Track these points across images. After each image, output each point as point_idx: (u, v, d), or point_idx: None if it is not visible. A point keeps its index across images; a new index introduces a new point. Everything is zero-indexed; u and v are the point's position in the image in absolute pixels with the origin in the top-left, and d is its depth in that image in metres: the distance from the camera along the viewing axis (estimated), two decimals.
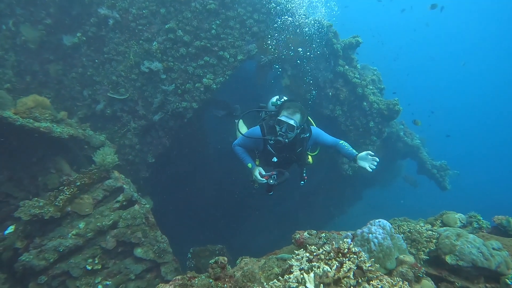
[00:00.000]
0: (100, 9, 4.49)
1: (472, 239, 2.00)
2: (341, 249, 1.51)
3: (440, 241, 2.08)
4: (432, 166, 5.93)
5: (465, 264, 1.98)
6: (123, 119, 4.89)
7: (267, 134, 3.15)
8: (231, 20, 4.58)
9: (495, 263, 1.94)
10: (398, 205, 12.43)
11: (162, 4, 4.57)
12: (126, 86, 4.78)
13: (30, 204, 3.26)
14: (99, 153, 3.50)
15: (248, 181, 3.32)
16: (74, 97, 4.89)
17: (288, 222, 8.22)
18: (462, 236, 2.03)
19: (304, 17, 4.42)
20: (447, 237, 2.07)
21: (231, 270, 2.03)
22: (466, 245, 1.97)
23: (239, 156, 3.29)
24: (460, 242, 2.00)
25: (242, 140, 3.30)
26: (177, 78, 4.71)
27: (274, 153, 3.24)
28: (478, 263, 1.95)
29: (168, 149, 5.16)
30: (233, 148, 3.34)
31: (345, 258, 1.44)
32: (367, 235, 1.77)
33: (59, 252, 3.21)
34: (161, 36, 4.63)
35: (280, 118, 2.93)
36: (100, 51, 4.72)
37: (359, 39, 4.64)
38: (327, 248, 1.53)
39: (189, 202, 6.86)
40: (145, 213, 3.64)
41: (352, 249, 1.51)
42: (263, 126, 3.23)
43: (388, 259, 1.74)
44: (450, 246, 2.02)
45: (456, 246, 1.99)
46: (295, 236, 2.22)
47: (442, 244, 2.06)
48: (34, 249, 3.23)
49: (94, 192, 3.52)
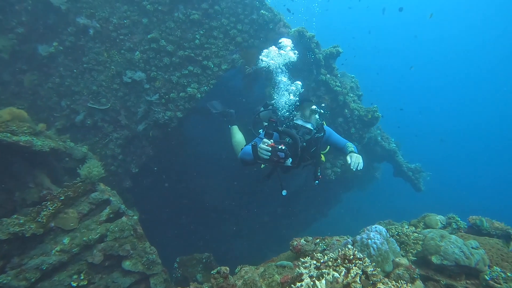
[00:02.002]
0: (79, 18, 4.40)
1: (454, 239, 2.24)
2: (347, 255, 1.63)
3: (426, 242, 2.31)
4: (408, 169, 6.37)
5: (449, 263, 2.20)
6: (104, 130, 4.78)
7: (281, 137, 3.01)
8: (215, 30, 4.69)
9: (474, 261, 2.18)
10: (376, 206, 13.01)
11: (144, 14, 4.57)
12: (107, 96, 4.69)
13: (8, 222, 3.10)
14: (85, 166, 3.42)
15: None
16: (51, 108, 4.71)
17: (270, 227, 8.33)
18: (445, 237, 2.27)
19: (287, 28, 4.63)
20: (432, 238, 2.30)
21: (232, 279, 2.09)
22: (450, 246, 2.20)
23: (244, 151, 3.04)
24: (444, 243, 2.23)
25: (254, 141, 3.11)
26: (161, 87, 4.72)
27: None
28: (461, 262, 2.18)
29: (152, 158, 5.10)
30: (240, 153, 3.13)
31: (351, 264, 1.55)
32: (366, 240, 1.92)
33: (42, 270, 3.08)
34: (143, 45, 4.62)
35: (296, 122, 2.85)
36: (79, 60, 4.60)
37: (339, 48, 4.92)
38: (333, 255, 1.65)
39: (173, 210, 6.78)
40: (134, 225, 3.59)
41: (357, 255, 1.63)
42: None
43: (386, 263, 1.90)
44: (435, 247, 2.24)
45: (440, 247, 2.22)
46: (292, 243, 2.33)
47: (428, 246, 2.28)
48: (12, 269, 3.07)
49: (80, 205, 3.42)
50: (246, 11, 4.76)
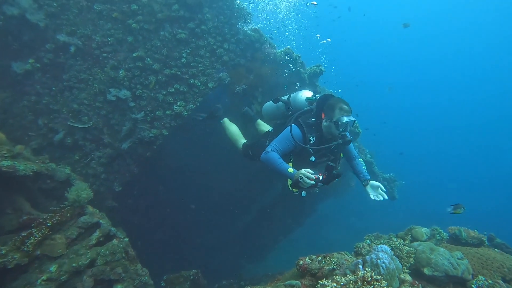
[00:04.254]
0: (59, 35, 4.28)
1: (442, 252, 2.57)
2: (365, 277, 1.79)
3: (418, 255, 2.60)
4: (383, 179, 6.89)
5: (439, 274, 2.50)
6: (86, 148, 4.62)
7: (307, 133, 3.01)
8: (202, 49, 4.82)
9: (461, 271, 2.51)
10: (351, 215, 13.60)
11: (129, 33, 4.57)
12: (89, 114, 4.57)
13: None
14: (73, 189, 3.31)
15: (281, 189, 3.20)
16: (26, 127, 4.46)
17: (248, 237, 8.40)
18: (434, 250, 2.58)
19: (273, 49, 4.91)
20: (423, 251, 2.61)
21: None
22: (439, 258, 2.51)
23: (275, 162, 2.89)
24: (434, 255, 2.54)
25: (281, 143, 3.01)
26: (147, 105, 4.70)
27: (312, 153, 3.06)
28: (449, 272, 2.49)
29: (136, 176, 5.01)
30: (266, 155, 2.96)
31: (370, 286, 1.72)
32: (375, 261, 2.11)
33: None
34: (128, 63, 4.60)
35: (342, 120, 2.82)
36: (58, 78, 4.45)
37: (322, 68, 5.30)
38: (353, 278, 1.80)
39: (158, 227, 6.63)
40: (125, 247, 3.51)
41: (374, 277, 1.80)
42: (301, 125, 3.05)
43: (393, 280, 2.12)
44: (427, 259, 2.54)
45: (431, 259, 2.52)
46: (299, 263, 2.47)
47: (420, 258, 2.58)
48: None
49: (68, 230, 3.28)
50: (233, 31, 4.97)
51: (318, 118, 3.08)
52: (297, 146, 3.01)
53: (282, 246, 9.35)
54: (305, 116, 3.21)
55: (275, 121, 4.29)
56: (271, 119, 4.39)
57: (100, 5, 4.43)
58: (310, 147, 3.01)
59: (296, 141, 2.98)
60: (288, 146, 3.04)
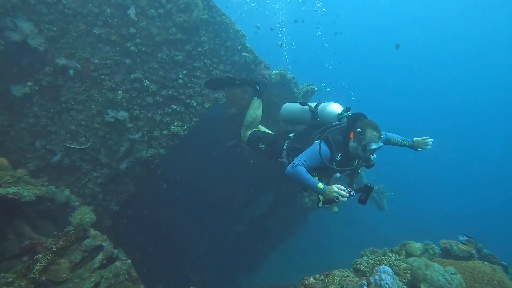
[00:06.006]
0: (58, 59, 4.36)
1: (437, 267, 2.79)
2: None
3: (414, 271, 2.81)
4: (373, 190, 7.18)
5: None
6: (83, 169, 4.67)
7: (335, 151, 3.03)
8: (198, 70, 5.00)
9: (455, 286, 2.71)
10: (341, 223, 13.83)
11: (127, 55, 4.70)
12: (87, 135, 4.63)
13: None
14: (77, 214, 3.37)
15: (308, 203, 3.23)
16: (23, 149, 4.47)
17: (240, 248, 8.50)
18: (429, 266, 2.80)
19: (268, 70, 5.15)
20: (419, 267, 2.82)
21: None
22: (434, 274, 2.72)
23: (303, 177, 2.90)
24: (430, 271, 2.76)
25: (309, 160, 3.00)
26: (144, 125, 4.82)
27: (336, 169, 3.08)
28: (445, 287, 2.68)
29: (133, 196, 5.08)
30: (294, 170, 2.95)
31: None
32: (379, 282, 2.30)
33: None
34: (126, 85, 4.72)
35: (370, 146, 2.89)
36: (56, 100, 4.50)
37: (314, 87, 5.57)
38: None
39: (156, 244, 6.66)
40: (128, 269, 3.60)
41: None
42: (330, 142, 3.06)
43: None
44: (423, 275, 2.75)
45: (427, 275, 2.74)
46: (304, 283, 2.64)
47: (416, 274, 2.78)
48: None
49: (72, 254, 3.34)
50: (228, 52, 5.18)
51: (347, 136, 3.09)
52: (323, 163, 3.03)
53: (274, 257, 9.48)
54: (334, 133, 3.18)
55: (293, 124, 4.22)
56: (290, 121, 4.27)
57: (99, 29, 4.55)
58: (335, 168, 3.05)
59: (323, 160, 2.99)
60: (315, 163, 3.05)
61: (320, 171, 3.22)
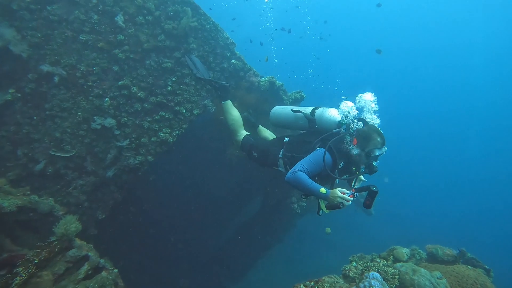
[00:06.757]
0: (42, 66, 4.28)
1: (423, 273, 2.86)
2: None
3: (401, 277, 2.87)
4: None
5: None
6: (67, 177, 4.55)
7: (338, 159, 3.00)
8: (187, 77, 5.00)
9: None
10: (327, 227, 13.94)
11: (115, 62, 4.66)
12: (72, 143, 4.53)
13: None
14: (61, 224, 3.27)
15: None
16: (3, 157, 4.32)
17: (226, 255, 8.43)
18: (416, 271, 2.86)
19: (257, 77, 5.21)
20: (406, 273, 2.88)
21: None
22: (421, 279, 2.79)
23: (305, 183, 2.87)
24: (417, 277, 2.82)
25: (311, 166, 2.97)
26: (132, 132, 4.76)
27: (337, 176, 3.07)
28: None
29: (120, 204, 4.98)
30: (295, 176, 2.91)
31: None
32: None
33: None
34: (113, 92, 4.66)
35: (374, 152, 2.87)
36: (40, 107, 4.40)
37: (303, 94, 5.66)
38: None
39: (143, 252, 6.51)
40: (114, 279, 3.51)
41: None
42: (333, 152, 3.02)
43: None
44: (410, 281, 2.80)
45: (414, 280, 2.80)
46: None
47: (404, 280, 2.84)
48: None
49: (55, 266, 3.22)
50: (217, 59, 5.21)
51: (349, 143, 3.07)
52: (325, 171, 3.00)
53: (260, 263, 9.40)
54: (336, 141, 3.12)
55: (284, 128, 4.18)
56: (282, 127, 4.20)
57: (86, 36, 4.50)
58: (337, 177, 3.05)
59: (326, 168, 2.96)
60: (317, 170, 3.03)
61: (321, 178, 3.18)
